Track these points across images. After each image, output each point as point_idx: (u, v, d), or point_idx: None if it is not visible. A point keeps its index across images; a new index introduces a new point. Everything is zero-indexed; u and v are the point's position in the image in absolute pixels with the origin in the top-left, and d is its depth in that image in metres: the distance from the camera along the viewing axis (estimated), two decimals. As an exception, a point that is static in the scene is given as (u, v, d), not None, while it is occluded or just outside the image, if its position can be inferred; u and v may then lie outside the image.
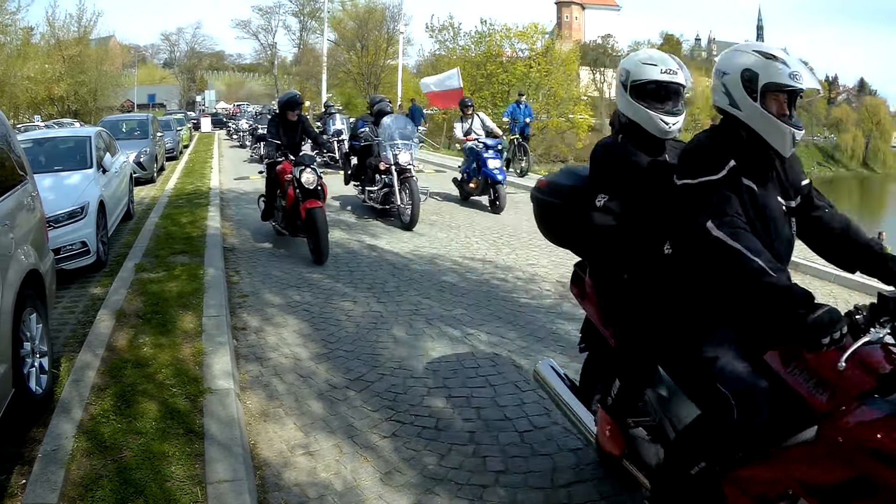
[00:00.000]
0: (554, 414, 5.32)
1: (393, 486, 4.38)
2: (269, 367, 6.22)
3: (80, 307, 7.89)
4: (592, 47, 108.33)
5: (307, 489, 4.32)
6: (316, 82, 73.49)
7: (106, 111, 53.62)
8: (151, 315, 6.99)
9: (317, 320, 7.53)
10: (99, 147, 11.70)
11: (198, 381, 5.46)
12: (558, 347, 6.84)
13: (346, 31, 76.84)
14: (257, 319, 7.53)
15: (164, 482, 4.06)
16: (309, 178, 10.13)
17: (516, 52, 53.90)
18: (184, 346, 6.18)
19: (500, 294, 8.62)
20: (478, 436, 5.03)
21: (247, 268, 9.70)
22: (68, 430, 4.58)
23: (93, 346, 6.13)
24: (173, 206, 14.26)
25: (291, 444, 4.88)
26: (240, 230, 12.38)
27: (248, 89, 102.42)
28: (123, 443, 4.47)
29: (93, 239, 9.20)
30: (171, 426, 4.73)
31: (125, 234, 12.14)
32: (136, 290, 7.90)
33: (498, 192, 14.52)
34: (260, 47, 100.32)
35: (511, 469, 4.61)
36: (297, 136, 11.16)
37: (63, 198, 9.26)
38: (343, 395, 5.70)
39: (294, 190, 10.28)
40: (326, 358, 6.48)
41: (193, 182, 18.75)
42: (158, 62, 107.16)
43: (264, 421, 5.23)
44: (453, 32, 59.26)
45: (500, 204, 14.49)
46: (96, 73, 57.01)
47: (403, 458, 4.73)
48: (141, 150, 20.23)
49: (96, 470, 4.15)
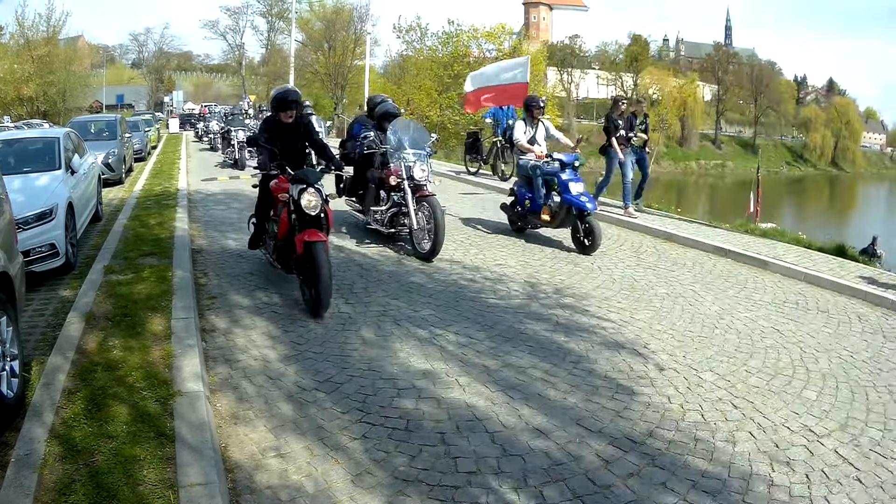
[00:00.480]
0: (524, 415, 5.41)
1: (364, 488, 4.42)
2: (239, 370, 6.23)
3: (50, 310, 7.86)
4: (560, 48, 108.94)
5: (279, 492, 4.35)
6: (283, 83, 73.17)
7: (75, 112, 53.10)
8: (121, 318, 6.97)
9: (285, 322, 7.55)
10: (67, 148, 11.61)
11: (168, 383, 5.46)
12: (527, 347, 6.91)
13: (313, 31, 76.72)
14: (226, 321, 7.53)
15: (137, 486, 4.08)
16: (311, 202, 7.88)
17: (483, 52, 53.84)
18: (153, 349, 6.18)
19: (469, 294, 8.68)
20: (448, 437, 5.09)
21: (215, 269, 9.68)
22: (40, 435, 4.59)
23: (63, 349, 6.12)
24: (142, 208, 14.15)
25: (262, 447, 4.91)
26: (207, 232, 12.32)
27: (215, 90, 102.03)
28: (95, 447, 4.48)
29: (62, 241, 9.14)
30: (143, 429, 4.74)
31: (94, 235, 12.06)
32: (105, 293, 7.87)
33: (590, 226, 11.08)
34: (228, 48, 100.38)
35: (482, 470, 4.67)
36: (297, 143, 8.96)
37: (32, 199, 9.19)
38: (313, 396, 5.72)
39: (289, 215, 8.17)
40: (295, 360, 6.50)
41: (161, 183, 18.60)
42: (127, 62, 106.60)
43: (235, 423, 5.24)
44: (420, 33, 59.22)
45: (595, 241, 11.05)
46: (65, 73, 56.47)
47: (374, 459, 4.77)
48: (109, 151, 20.07)
49: (69, 474, 4.16)
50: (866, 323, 8.25)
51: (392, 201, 11.19)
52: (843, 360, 6.99)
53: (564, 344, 7.07)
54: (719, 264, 10.91)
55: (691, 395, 5.98)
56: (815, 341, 7.49)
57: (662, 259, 11.15)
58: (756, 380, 6.36)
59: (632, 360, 6.72)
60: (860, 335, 7.81)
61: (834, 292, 9.43)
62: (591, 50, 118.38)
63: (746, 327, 7.85)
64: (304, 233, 7.81)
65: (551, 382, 6.09)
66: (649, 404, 5.77)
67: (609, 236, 12.52)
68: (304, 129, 9.04)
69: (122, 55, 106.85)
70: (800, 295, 9.31)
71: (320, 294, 7.58)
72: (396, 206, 11.12)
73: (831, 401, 5.99)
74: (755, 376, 6.44)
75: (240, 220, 12.99)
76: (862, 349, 7.27)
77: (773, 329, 7.80)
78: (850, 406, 5.90)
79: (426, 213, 10.52)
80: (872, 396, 6.11)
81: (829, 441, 5.25)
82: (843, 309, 8.76)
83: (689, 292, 9.20)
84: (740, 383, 6.26)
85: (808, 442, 5.22)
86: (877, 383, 6.40)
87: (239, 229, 12.00)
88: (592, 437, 5.18)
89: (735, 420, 5.53)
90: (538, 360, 6.55)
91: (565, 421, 5.40)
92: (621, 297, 8.83)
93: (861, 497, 4.52)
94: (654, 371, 6.44)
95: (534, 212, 11.93)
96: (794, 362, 6.84)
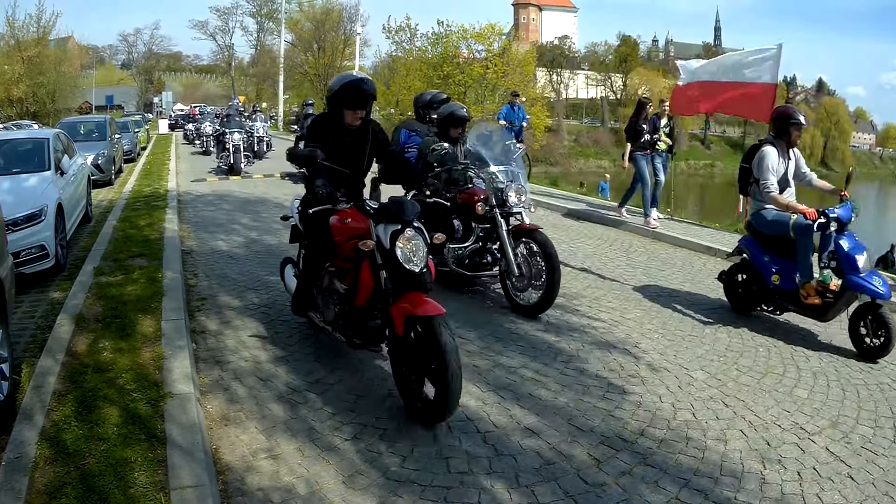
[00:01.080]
0: (515, 415, 5.40)
1: (356, 489, 4.41)
2: (229, 371, 6.20)
3: (40, 312, 7.83)
4: (549, 48, 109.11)
5: (271, 493, 4.34)
6: (273, 83, 73.51)
7: (64, 113, 52.80)
8: (111, 319, 6.94)
9: (275, 323, 7.51)
10: (57, 149, 11.60)
11: (158, 385, 5.44)
12: (517, 347, 6.91)
13: (303, 32, 76.83)
14: (216, 323, 7.51)
15: (128, 489, 4.06)
16: (413, 253, 5.34)
17: (473, 53, 53.78)
18: (143, 351, 6.15)
19: (459, 295, 8.69)
20: (440, 437, 5.08)
21: (205, 270, 9.65)
22: (31, 437, 4.56)
23: (53, 351, 6.08)
24: (131, 209, 14.10)
25: (254, 448, 4.89)
26: (197, 233, 12.29)
27: (205, 90, 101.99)
28: (86, 449, 4.46)
29: (51, 242, 9.12)
30: (133, 432, 4.72)
31: (83, 237, 12.02)
32: (95, 294, 7.84)
33: (884, 319, 7.03)
34: (217, 48, 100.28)
35: (474, 470, 4.67)
36: (363, 158, 6.40)
37: (21, 201, 9.16)
38: (304, 397, 5.71)
39: (374, 272, 5.54)
40: (286, 361, 6.48)
41: (151, 184, 18.55)
42: (117, 63, 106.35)
43: (226, 425, 5.23)
44: (410, 33, 59.02)
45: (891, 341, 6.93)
46: (55, 74, 56.19)
47: (366, 460, 4.76)
48: (99, 152, 20.05)
49: (60, 477, 4.14)
50: (856, 321, 8.25)
51: (476, 235, 8.54)
52: (834, 357, 7.01)
53: (555, 343, 7.07)
54: (709, 263, 10.92)
55: (682, 393, 5.99)
56: (806, 339, 7.50)
57: (653, 259, 11.17)
58: (747, 378, 6.37)
59: (623, 360, 6.73)
60: (846, 336, 7.81)
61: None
62: (581, 50, 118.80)
63: (737, 326, 7.87)
64: (404, 300, 5.24)
65: (542, 382, 6.09)
66: (640, 403, 5.77)
67: (598, 236, 12.55)
68: (374, 139, 6.47)
69: (111, 56, 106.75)
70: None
71: (446, 395, 4.94)
72: (481, 242, 8.57)
73: (822, 398, 6.00)
74: (746, 375, 6.46)
75: (230, 222, 13.02)
76: (852, 346, 7.28)
77: (763, 327, 7.82)
78: (842, 404, 5.92)
79: (537, 256, 7.95)
80: (863, 394, 6.13)
81: (820, 439, 5.26)
82: (832, 307, 8.75)
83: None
84: (731, 382, 6.27)
85: (800, 440, 5.23)
86: (868, 381, 6.42)
87: (229, 231, 12.01)
88: (584, 436, 5.17)
89: (726, 418, 5.54)
90: (529, 360, 6.55)
91: (557, 420, 5.39)
92: (612, 297, 8.84)
93: (852, 494, 4.53)
94: (645, 370, 6.45)
95: (786, 291, 7.84)
96: (784, 360, 6.86)
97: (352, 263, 5.73)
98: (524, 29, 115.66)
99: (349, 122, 6.13)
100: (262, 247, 10.99)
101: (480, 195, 8.34)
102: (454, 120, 9.02)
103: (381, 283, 5.44)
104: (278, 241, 11.38)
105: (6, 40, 55.42)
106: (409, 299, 5.17)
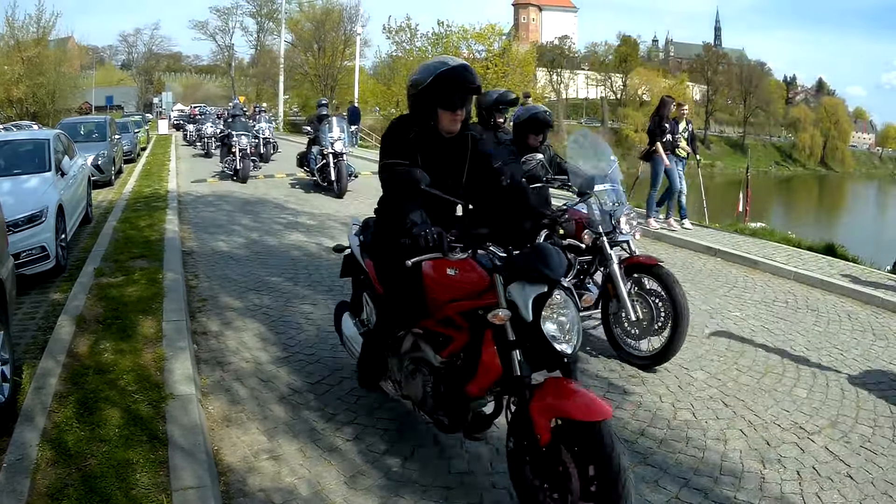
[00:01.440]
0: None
1: (358, 490, 4.42)
2: (231, 372, 6.20)
3: (41, 313, 7.83)
4: (549, 48, 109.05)
5: (272, 494, 4.35)
6: (273, 84, 73.40)
7: (64, 113, 52.58)
8: (112, 320, 6.94)
9: (276, 324, 7.51)
10: (57, 150, 11.58)
11: (159, 386, 5.44)
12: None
13: (303, 32, 76.78)
14: (217, 324, 7.51)
15: (130, 490, 4.06)
16: (566, 325, 3.79)
17: (473, 53, 53.90)
18: (145, 352, 6.15)
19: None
20: (442, 437, 5.08)
21: (205, 271, 9.65)
22: (32, 439, 4.57)
23: (54, 352, 6.08)
24: (131, 210, 14.11)
25: (255, 449, 4.89)
26: (198, 234, 12.29)
27: (205, 91, 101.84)
28: (88, 451, 4.47)
29: (52, 243, 9.11)
30: (135, 433, 4.72)
31: (84, 238, 12.02)
32: (95, 296, 7.84)
33: None
34: (217, 49, 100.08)
35: (476, 470, 4.68)
36: (460, 176, 4.58)
37: (22, 202, 9.14)
38: (305, 398, 5.71)
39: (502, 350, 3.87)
40: (287, 362, 6.47)
41: (151, 185, 18.53)
42: (117, 63, 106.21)
43: (227, 426, 5.23)
44: (410, 34, 59.25)
45: None
46: (55, 74, 55.96)
47: (368, 460, 4.77)
48: (99, 152, 20.01)
49: (62, 479, 4.15)
50: (856, 321, 8.28)
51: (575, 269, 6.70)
52: (833, 357, 7.02)
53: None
54: (709, 264, 10.93)
55: (682, 393, 6.00)
56: (805, 339, 7.51)
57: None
58: (746, 378, 6.38)
59: (623, 360, 6.73)
60: (850, 333, 7.84)
61: (823, 291, 9.46)
62: (581, 50, 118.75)
63: (737, 326, 7.88)
64: (546, 391, 3.69)
65: (543, 382, 6.09)
66: (640, 403, 5.78)
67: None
68: (473, 152, 4.64)
69: (111, 56, 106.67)
70: (789, 294, 9.33)
71: None
72: (584, 276, 6.98)
73: (821, 398, 6.01)
74: (746, 375, 6.47)
75: (230, 223, 13.02)
76: (852, 346, 7.30)
77: (763, 328, 7.82)
78: (841, 403, 5.92)
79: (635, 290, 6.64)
80: (862, 393, 6.13)
81: (819, 438, 5.27)
82: (832, 307, 8.80)
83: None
84: (731, 382, 6.29)
85: (799, 439, 5.24)
86: (867, 381, 6.43)
87: (230, 231, 12.02)
88: (584, 436, 5.18)
89: (726, 418, 5.55)
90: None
91: (557, 420, 5.40)
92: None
93: (852, 493, 4.54)
94: (645, 370, 6.45)
95: None
96: (784, 360, 6.87)
97: (454, 330, 4.17)
98: (524, 29, 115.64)
99: (446, 128, 4.44)
100: (263, 248, 11.01)
101: (583, 220, 6.75)
102: (537, 124, 7.38)
103: (515, 367, 3.79)
104: (279, 242, 11.41)
105: (6, 41, 55.25)
106: (554, 391, 3.67)
